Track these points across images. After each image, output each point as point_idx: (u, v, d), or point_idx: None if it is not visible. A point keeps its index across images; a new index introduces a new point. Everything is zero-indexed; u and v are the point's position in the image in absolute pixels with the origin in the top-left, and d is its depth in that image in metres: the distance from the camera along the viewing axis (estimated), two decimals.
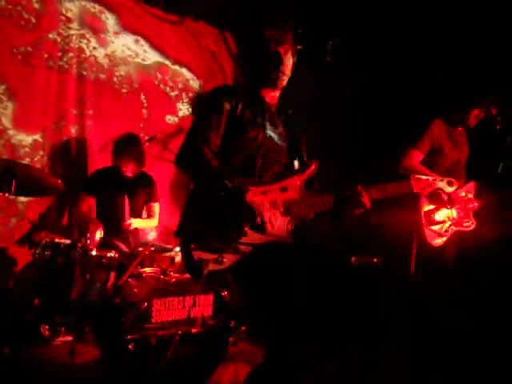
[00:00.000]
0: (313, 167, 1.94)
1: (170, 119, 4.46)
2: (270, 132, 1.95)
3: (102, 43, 4.01)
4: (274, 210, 1.79)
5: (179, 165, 1.96)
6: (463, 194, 3.03)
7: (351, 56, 2.83)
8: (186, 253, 1.77)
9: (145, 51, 4.28)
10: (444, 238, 2.98)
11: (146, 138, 3.87)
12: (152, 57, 4.33)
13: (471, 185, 3.09)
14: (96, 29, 3.97)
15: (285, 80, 1.99)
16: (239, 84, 2.06)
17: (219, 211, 1.76)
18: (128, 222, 3.51)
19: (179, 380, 2.47)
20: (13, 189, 2.44)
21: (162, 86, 4.40)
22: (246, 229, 1.75)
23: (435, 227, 2.99)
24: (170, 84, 4.45)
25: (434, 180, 1.99)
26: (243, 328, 1.79)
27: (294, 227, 1.85)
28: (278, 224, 1.79)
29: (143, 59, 4.27)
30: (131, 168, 3.68)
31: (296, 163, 2.04)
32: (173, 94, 4.47)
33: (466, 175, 3.16)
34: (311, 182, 1.99)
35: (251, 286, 1.79)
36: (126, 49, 4.16)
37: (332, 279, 3.94)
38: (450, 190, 2.04)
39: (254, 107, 1.94)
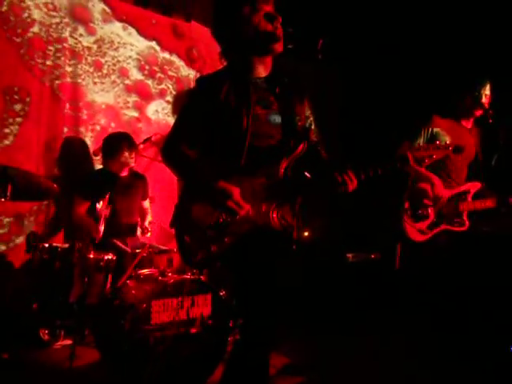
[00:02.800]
0: (299, 150, 1.87)
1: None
2: (259, 115, 1.85)
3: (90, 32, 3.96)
4: (246, 198, 1.78)
5: (163, 160, 1.99)
6: (459, 191, 3.02)
7: (337, 50, 2.82)
8: (179, 242, 1.89)
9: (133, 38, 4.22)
10: (427, 235, 2.97)
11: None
12: (140, 44, 4.27)
13: (473, 185, 3.05)
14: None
15: (281, 41, 1.83)
16: (223, 67, 1.97)
17: (202, 203, 1.83)
18: (148, 234, 3.66)
19: (179, 380, 2.48)
20: (8, 193, 2.44)
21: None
22: (223, 217, 1.80)
23: (418, 223, 2.99)
24: (159, 75, 4.41)
25: (436, 148, 1.81)
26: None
27: (282, 215, 1.84)
28: (259, 211, 1.80)
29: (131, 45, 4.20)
30: (126, 167, 3.68)
31: (292, 141, 1.91)
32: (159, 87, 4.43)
33: (470, 173, 3.13)
34: (313, 158, 1.95)
35: (235, 272, 1.85)
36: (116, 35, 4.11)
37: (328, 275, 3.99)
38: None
39: (239, 90, 1.85)
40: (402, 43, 4.16)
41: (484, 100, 2.96)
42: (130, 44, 4.21)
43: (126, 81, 4.19)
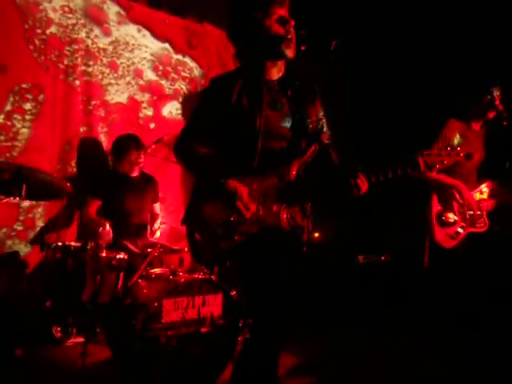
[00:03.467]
0: (311, 151, 1.88)
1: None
2: (271, 116, 1.86)
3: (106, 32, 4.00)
4: (257, 198, 1.80)
5: (175, 157, 2.02)
6: (477, 194, 3.00)
7: (348, 52, 2.82)
8: (190, 240, 1.91)
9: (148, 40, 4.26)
10: (456, 241, 2.95)
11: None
12: (154, 46, 4.30)
13: (486, 184, 3.03)
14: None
15: (294, 47, 1.84)
16: (236, 68, 1.97)
17: (213, 201, 1.85)
18: (156, 235, 3.70)
19: (189, 379, 2.49)
20: (23, 193, 2.48)
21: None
22: (233, 216, 1.81)
23: (446, 229, 2.96)
24: (172, 76, 4.44)
25: (447, 154, 1.79)
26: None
27: (291, 216, 1.85)
28: (270, 211, 1.81)
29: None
30: (136, 168, 3.72)
31: (303, 143, 1.92)
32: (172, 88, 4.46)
33: (480, 175, 3.11)
34: (324, 161, 1.95)
35: (244, 270, 1.85)
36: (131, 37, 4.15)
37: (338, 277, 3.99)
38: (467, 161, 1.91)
39: (252, 91, 1.87)
40: (412, 45, 4.13)
41: (497, 102, 2.94)
42: (145, 46, 4.25)
43: (141, 81, 4.23)
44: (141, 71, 4.22)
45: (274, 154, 1.88)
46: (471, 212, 2.95)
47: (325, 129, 2.02)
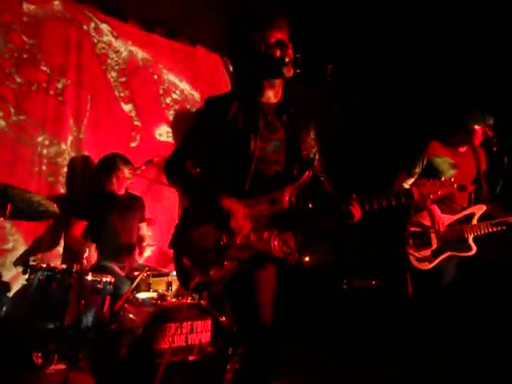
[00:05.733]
0: (304, 178, 1.86)
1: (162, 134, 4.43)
2: (265, 139, 1.85)
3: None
4: (249, 221, 1.77)
5: (165, 176, 1.98)
6: (462, 215, 3.00)
7: (344, 77, 2.86)
8: (177, 264, 1.87)
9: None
10: (433, 263, 2.94)
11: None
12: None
13: (478, 207, 3.02)
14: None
15: (291, 66, 1.83)
16: (233, 89, 1.97)
17: (203, 224, 1.81)
18: (145, 254, 3.66)
19: None
20: (7, 213, 2.41)
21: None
22: (223, 239, 1.77)
23: (422, 251, 2.96)
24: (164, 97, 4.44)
25: (441, 185, 1.81)
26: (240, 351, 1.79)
27: (283, 243, 1.81)
28: (260, 237, 1.78)
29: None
30: (124, 185, 3.68)
31: (296, 169, 1.91)
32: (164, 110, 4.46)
33: (471, 197, 3.12)
34: (317, 189, 1.94)
35: (234, 299, 1.81)
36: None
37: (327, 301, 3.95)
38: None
39: (248, 113, 1.86)
40: (405, 70, 4.21)
41: (487, 129, 2.98)
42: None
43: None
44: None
45: (267, 179, 1.85)
46: (449, 235, 2.93)
47: (317, 157, 2.02)
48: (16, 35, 3.56)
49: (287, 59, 1.81)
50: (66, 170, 3.77)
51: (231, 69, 4.87)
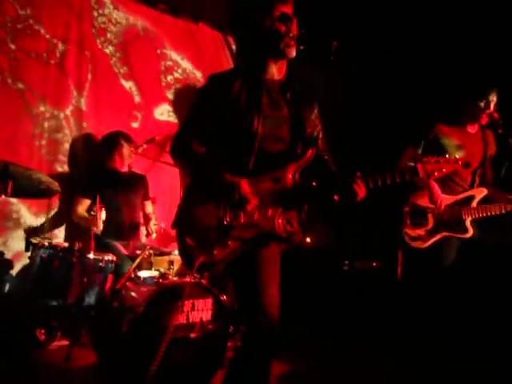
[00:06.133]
0: (308, 155, 1.83)
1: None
2: (269, 117, 1.83)
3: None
4: (253, 198, 1.75)
5: (171, 156, 1.96)
6: (462, 197, 2.98)
7: (346, 55, 2.81)
8: (181, 244, 1.86)
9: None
10: (428, 242, 2.94)
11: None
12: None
13: (478, 191, 3.00)
14: None
15: (295, 46, 1.80)
16: (236, 66, 1.93)
17: (207, 203, 1.80)
18: (153, 236, 3.59)
19: None
20: (9, 190, 2.40)
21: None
22: (227, 219, 1.76)
23: (417, 230, 2.95)
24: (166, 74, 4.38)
25: (446, 162, 1.76)
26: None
27: (287, 221, 1.80)
28: (264, 215, 1.76)
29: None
30: (127, 163, 3.68)
31: (299, 147, 1.89)
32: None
33: (475, 179, 3.09)
34: (320, 168, 1.91)
35: (238, 278, 1.81)
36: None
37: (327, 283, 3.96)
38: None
39: (251, 91, 1.83)
40: (410, 49, 4.14)
41: (491, 107, 2.93)
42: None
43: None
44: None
45: (271, 157, 1.84)
46: (447, 216, 2.92)
47: (321, 135, 2.00)
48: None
49: (291, 35, 1.78)
50: (66, 147, 3.75)
51: (234, 48, 4.81)
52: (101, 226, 3.11)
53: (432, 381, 2.69)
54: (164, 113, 4.38)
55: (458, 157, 1.80)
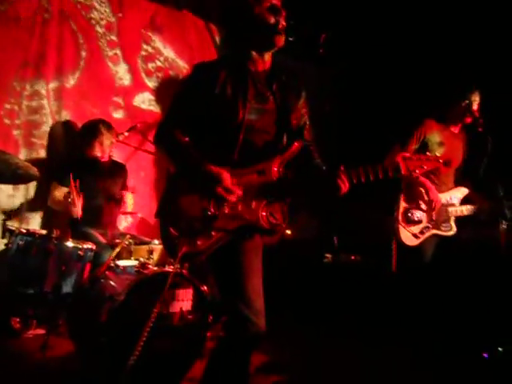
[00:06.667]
0: (293, 148, 1.83)
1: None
2: (254, 108, 1.81)
3: None
4: (237, 190, 1.75)
5: (155, 145, 1.95)
6: (448, 197, 3.05)
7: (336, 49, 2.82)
8: (164, 234, 1.83)
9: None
10: (419, 239, 3.00)
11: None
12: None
13: (461, 190, 3.09)
14: None
15: (283, 36, 1.79)
16: (222, 56, 1.91)
17: (190, 193, 1.79)
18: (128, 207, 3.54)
19: (155, 375, 2.42)
20: None
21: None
22: (210, 209, 1.76)
23: (411, 227, 3.00)
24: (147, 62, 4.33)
25: (427, 160, 1.79)
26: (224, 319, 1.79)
27: (271, 213, 1.81)
28: (248, 207, 1.77)
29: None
30: (107, 151, 3.62)
31: (285, 139, 1.88)
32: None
33: (457, 179, 3.16)
34: (306, 159, 1.91)
35: (220, 269, 1.80)
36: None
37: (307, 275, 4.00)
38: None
39: (237, 81, 1.81)
40: (400, 45, 4.17)
41: (474, 107, 2.99)
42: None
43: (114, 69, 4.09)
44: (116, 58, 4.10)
45: (256, 149, 1.83)
46: (436, 214, 2.98)
47: (307, 126, 2.00)
48: None
49: (280, 26, 1.77)
50: (45, 129, 3.67)
51: (217, 38, 4.76)
52: (80, 212, 3.07)
53: (411, 366, 2.75)
54: (145, 101, 4.32)
55: (438, 155, 1.83)
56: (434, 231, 3.00)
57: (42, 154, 3.67)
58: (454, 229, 3.00)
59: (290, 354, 2.96)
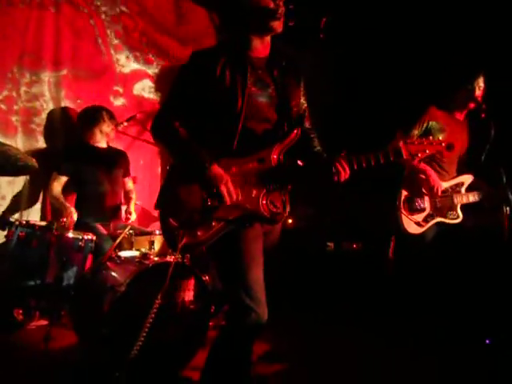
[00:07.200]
0: (293, 135, 1.81)
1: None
2: (254, 95, 1.79)
3: None
4: (236, 182, 1.74)
5: (152, 136, 1.91)
6: (453, 183, 3.03)
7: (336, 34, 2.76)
8: (164, 225, 1.83)
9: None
10: (423, 228, 2.98)
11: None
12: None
13: (466, 177, 3.06)
14: None
15: (282, 21, 1.76)
16: (220, 43, 1.87)
17: (190, 184, 1.77)
18: (131, 218, 3.45)
19: (158, 365, 2.43)
20: None
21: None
22: (209, 201, 1.75)
23: (414, 215, 2.98)
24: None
25: (429, 143, 1.77)
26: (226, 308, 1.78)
27: (271, 201, 1.79)
28: (249, 196, 1.75)
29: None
30: (106, 139, 3.59)
31: (285, 126, 1.86)
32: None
33: (460, 167, 3.12)
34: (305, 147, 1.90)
35: (222, 258, 1.79)
36: None
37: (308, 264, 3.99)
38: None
39: (236, 68, 1.78)
40: (400, 32, 4.11)
41: (478, 93, 2.96)
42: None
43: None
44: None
45: (255, 136, 1.81)
46: (441, 201, 2.96)
47: (307, 112, 1.97)
48: None
49: (280, 11, 1.74)
50: (44, 116, 3.63)
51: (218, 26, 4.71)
52: (71, 227, 3.04)
53: (411, 355, 2.74)
54: (146, 89, 4.28)
55: (441, 138, 1.81)
56: (440, 219, 2.98)
57: (41, 141, 3.63)
58: (461, 216, 2.98)
59: (290, 343, 2.97)
